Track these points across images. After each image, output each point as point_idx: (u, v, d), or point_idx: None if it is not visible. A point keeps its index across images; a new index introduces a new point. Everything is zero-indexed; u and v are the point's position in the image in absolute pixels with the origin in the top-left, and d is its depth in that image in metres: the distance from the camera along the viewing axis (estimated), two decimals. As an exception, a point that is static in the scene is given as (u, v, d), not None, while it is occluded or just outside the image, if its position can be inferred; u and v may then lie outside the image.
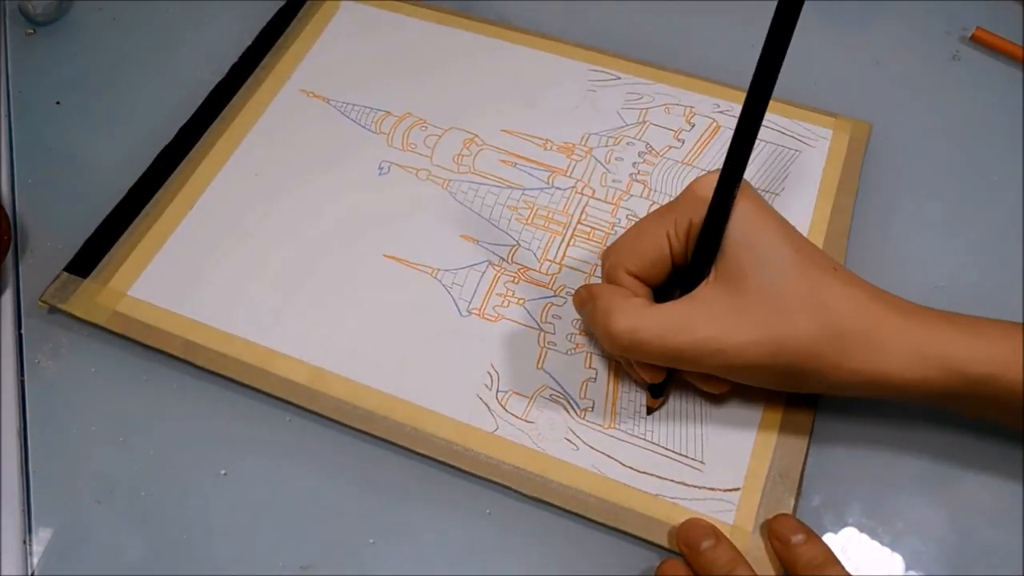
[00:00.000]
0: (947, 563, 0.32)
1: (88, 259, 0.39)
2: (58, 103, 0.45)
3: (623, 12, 0.49)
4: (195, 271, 0.38)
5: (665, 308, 0.31)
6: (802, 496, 0.33)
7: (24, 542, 0.33)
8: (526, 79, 0.45)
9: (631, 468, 0.34)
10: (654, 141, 0.43)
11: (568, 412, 0.35)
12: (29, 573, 0.32)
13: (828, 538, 0.33)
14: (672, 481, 0.33)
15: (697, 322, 0.30)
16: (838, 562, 0.30)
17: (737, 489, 0.33)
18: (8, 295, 0.39)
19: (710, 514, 0.32)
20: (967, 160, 0.43)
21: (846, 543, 0.33)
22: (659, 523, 0.32)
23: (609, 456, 0.34)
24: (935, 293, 0.38)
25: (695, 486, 0.33)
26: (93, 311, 0.37)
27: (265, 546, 0.32)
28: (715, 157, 0.42)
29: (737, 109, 0.44)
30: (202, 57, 0.47)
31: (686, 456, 0.34)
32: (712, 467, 0.34)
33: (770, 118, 0.43)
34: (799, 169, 0.42)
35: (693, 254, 0.31)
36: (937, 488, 0.34)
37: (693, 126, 0.43)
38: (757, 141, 0.42)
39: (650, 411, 0.35)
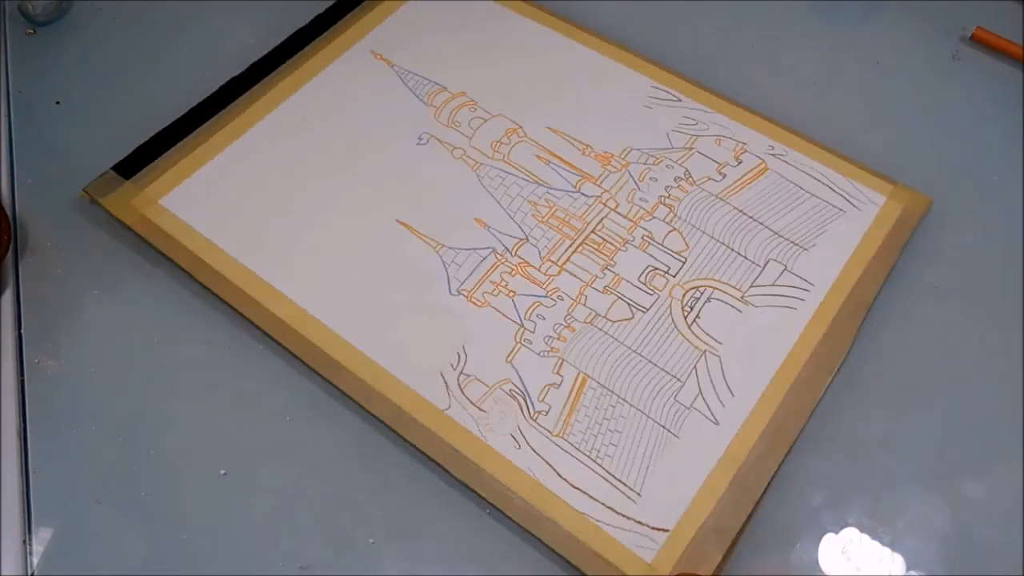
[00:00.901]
0: (947, 563, 0.32)
1: (135, 162, 0.41)
2: (58, 103, 0.45)
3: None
4: (224, 195, 0.41)
5: None
6: (802, 496, 0.33)
7: (24, 542, 0.33)
8: (585, 81, 0.45)
9: (566, 481, 0.33)
10: (694, 169, 0.42)
11: (521, 411, 0.35)
12: (29, 573, 0.32)
13: (828, 538, 0.33)
14: (603, 504, 0.33)
15: None
16: None
17: (666, 530, 0.32)
18: (8, 295, 0.39)
19: (630, 547, 0.32)
20: (967, 160, 0.43)
21: (846, 543, 0.33)
22: (578, 542, 0.32)
23: (548, 463, 0.33)
24: (934, 293, 0.38)
25: (624, 515, 0.32)
26: (125, 211, 0.40)
27: (265, 546, 0.32)
28: (753, 198, 0.41)
29: (792, 155, 0.42)
30: (202, 57, 0.47)
31: (624, 484, 0.33)
32: (648, 501, 0.33)
33: (821, 170, 0.42)
34: (838, 229, 0.40)
35: None
36: (937, 488, 0.34)
37: (740, 163, 0.42)
38: (801, 191, 0.40)
39: None
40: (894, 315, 0.38)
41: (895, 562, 0.32)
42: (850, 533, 0.33)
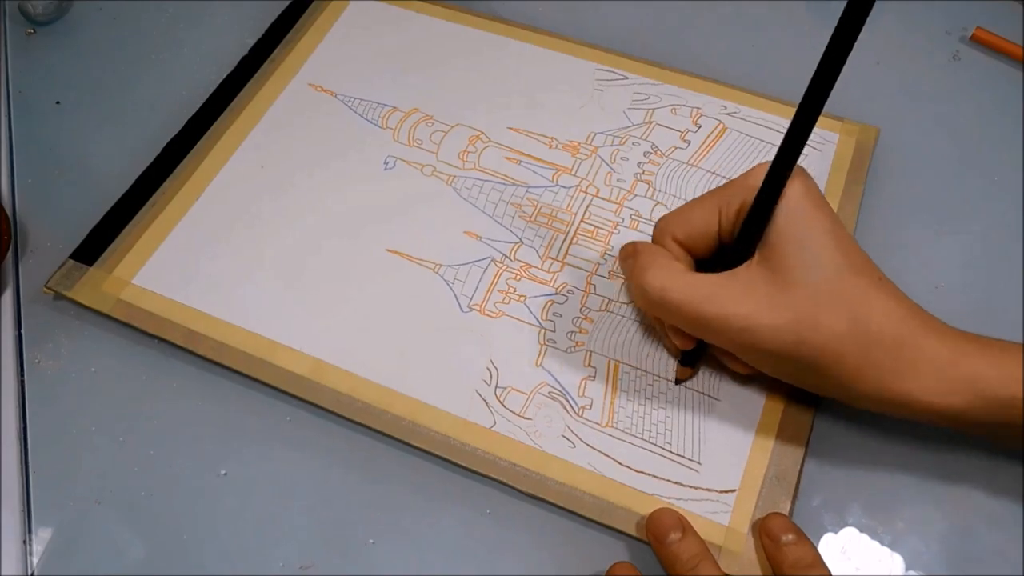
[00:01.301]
0: (947, 563, 0.32)
1: (94, 247, 0.39)
2: (58, 103, 0.45)
3: (631, 12, 0.49)
4: (199, 261, 0.39)
5: (701, 276, 0.31)
6: (802, 496, 0.33)
7: (24, 542, 0.33)
8: (533, 77, 0.45)
9: (628, 467, 0.34)
10: (660, 141, 0.43)
11: (566, 410, 0.35)
12: (29, 573, 0.32)
13: (828, 538, 0.33)
14: (669, 481, 0.33)
15: (729, 297, 0.30)
16: (825, 565, 0.30)
17: (733, 491, 0.33)
18: (8, 295, 0.39)
19: (706, 515, 0.32)
20: (967, 160, 0.43)
21: (846, 543, 0.33)
22: None
23: (606, 454, 0.34)
24: (935, 293, 0.38)
25: (691, 486, 0.33)
26: (97, 299, 0.37)
27: (265, 546, 0.32)
28: (720, 158, 0.42)
29: (744, 111, 0.44)
30: (202, 57, 0.47)
31: (683, 456, 0.34)
32: (709, 468, 0.34)
33: (776, 121, 0.43)
34: None
35: (738, 235, 0.32)
36: (937, 488, 0.34)
37: (699, 127, 0.43)
38: (762, 144, 0.43)
39: (678, 381, 0.35)
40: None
41: (895, 562, 0.32)
42: (850, 533, 0.33)
